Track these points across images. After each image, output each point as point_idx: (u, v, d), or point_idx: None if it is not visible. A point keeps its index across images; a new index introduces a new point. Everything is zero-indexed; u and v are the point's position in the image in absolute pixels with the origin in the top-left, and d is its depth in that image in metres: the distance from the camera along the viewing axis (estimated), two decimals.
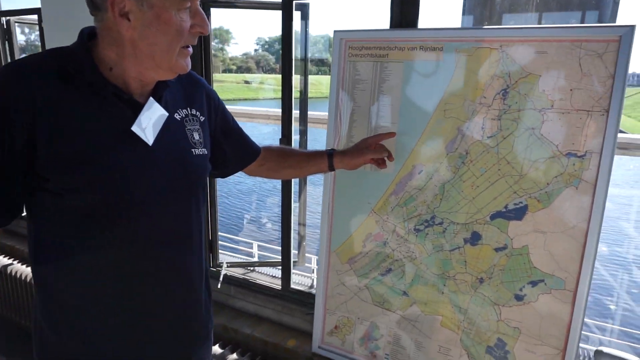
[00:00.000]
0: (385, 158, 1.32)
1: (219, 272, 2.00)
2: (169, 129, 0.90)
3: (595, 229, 1.16)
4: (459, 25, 1.47)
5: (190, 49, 0.86)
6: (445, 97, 1.30)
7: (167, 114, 0.90)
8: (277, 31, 1.73)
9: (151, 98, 0.88)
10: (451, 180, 1.32)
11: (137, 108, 0.85)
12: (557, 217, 1.20)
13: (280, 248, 1.89)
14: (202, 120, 1.00)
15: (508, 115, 1.22)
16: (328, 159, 1.27)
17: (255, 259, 6.29)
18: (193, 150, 0.94)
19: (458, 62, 1.27)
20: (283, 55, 1.72)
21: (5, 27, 2.55)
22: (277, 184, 1.86)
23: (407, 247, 1.43)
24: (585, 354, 1.65)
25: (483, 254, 1.31)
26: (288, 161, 1.28)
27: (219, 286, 1.96)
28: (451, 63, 1.28)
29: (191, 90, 1.01)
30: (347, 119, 1.47)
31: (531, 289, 1.26)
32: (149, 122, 0.86)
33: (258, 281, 1.95)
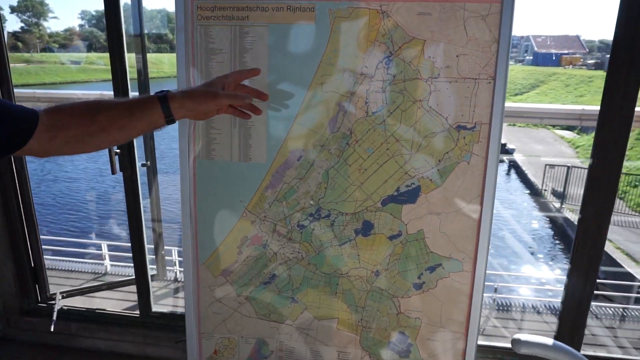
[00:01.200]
0: (254, 104, 1.01)
1: (51, 308, 1.54)
2: None
3: (489, 204, 1.09)
4: None
5: None
6: (322, 67, 1.09)
7: None
8: (102, 4, 1.31)
9: None
10: (336, 165, 1.14)
11: None
12: (450, 196, 1.11)
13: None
14: None
15: (393, 87, 1.07)
16: (162, 106, 0.86)
17: (107, 262, 5.58)
18: None
19: (334, 25, 1.07)
20: (109, 30, 1.32)
21: None
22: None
23: (292, 247, 1.22)
24: None
25: (377, 244, 1.17)
26: (97, 122, 0.83)
27: (52, 328, 1.50)
28: (326, 26, 1.07)
29: None
30: None
31: (429, 275, 1.17)
32: None
33: (108, 310, 1.55)
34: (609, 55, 1.21)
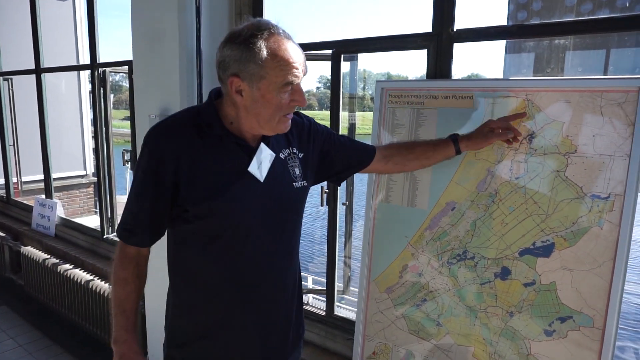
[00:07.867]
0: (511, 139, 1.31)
1: None
2: (275, 167, 1.12)
3: (621, 268, 1.20)
4: (502, 67, 1.52)
5: (290, 115, 1.06)
6: None
7: (274, 155, 1.11)
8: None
9: (262, 144, 1.10)
10: (482, 218, 1.42)
11: (251, 152, 1.08)
12: (583, 255, 1.26)
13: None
14: (300, 157, 1.19)
15: (534, 159, 1.32)
16: (454, 145, 1.34)
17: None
18: (294, 183, 1.15)
19: (487, 109, 1.39)
20: (332, 98, 1.92)
21: (102, 76, 3.00)
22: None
23: (441, 279, 1.52)
24: None
25: (513, 289, 1.38)
26: (414, 152, 1.38)
27: None
28: (481, 110, 1.40)
29: (294, 131, 1.19)
30: None
31: (560, 324, 1.30)
32: (261, 163, 1.08)
33: (305, 307, 2.09)
34: None
